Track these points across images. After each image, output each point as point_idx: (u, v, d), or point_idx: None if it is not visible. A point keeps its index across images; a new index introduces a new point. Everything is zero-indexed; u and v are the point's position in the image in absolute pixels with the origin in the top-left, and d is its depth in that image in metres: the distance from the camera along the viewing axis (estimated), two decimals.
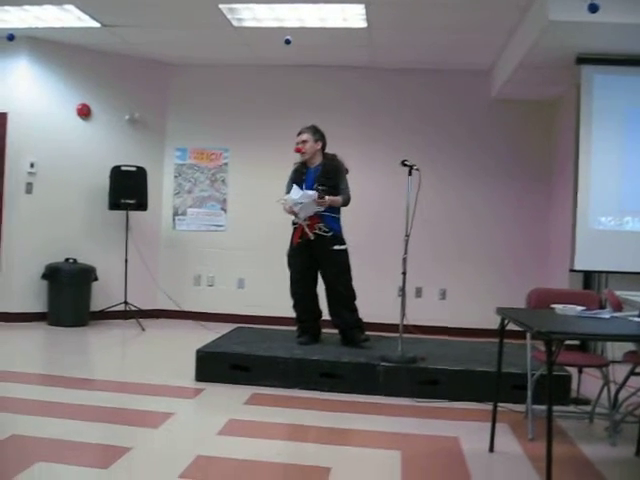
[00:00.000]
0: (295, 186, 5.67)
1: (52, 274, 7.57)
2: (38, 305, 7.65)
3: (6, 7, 6.58)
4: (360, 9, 6.24)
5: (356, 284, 5.90)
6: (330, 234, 5.73)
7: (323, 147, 5.88)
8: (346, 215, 5.95)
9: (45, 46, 7.66)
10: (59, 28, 7.12)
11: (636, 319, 3.57)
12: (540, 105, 7.99)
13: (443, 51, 7.43)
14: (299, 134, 5.84)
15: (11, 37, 6.70)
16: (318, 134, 5.85)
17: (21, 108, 7.63)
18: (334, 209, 5.75)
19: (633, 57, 6.13)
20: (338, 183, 5.75)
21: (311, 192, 5.58)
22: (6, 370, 5.48)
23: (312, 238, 5.67)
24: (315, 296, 5.95)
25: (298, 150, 5.81)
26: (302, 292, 5.89)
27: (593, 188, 6.32)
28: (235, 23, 6.78)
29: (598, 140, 6.33)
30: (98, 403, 4.63)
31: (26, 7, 6.57)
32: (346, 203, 5.80)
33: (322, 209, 5.64)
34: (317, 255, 5.78)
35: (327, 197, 5.60)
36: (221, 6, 6.33)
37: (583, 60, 6.23)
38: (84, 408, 4.49)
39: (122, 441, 3.88)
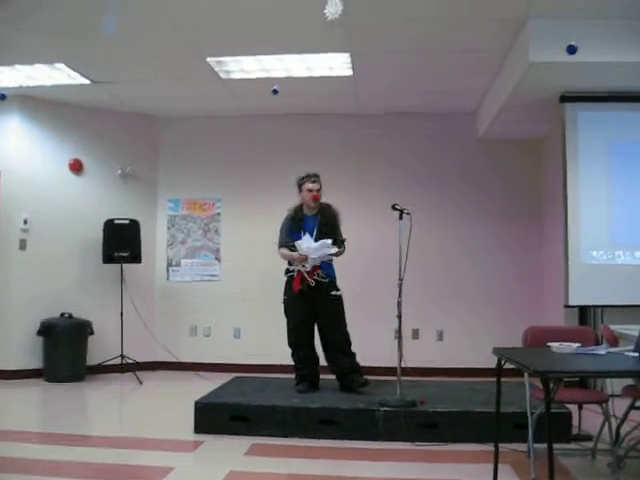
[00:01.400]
0: (308, 235, 5.70)
1: (47, 330, 7.53)
2: (34, 361, 7.60)
3: None
4: (345, 58, 6.37)
5: (353, 328, 5.90)
6: (327, 280, 5.78)
7: None
8: (342, 260, 5.98)
9: (36, 104, 7.76)
10: (50, 86, 7.22)
11: (632, 354, 3.58)
12: (527, 143, 8.10)
13: (429, 96, 7.56)
14: (314, 182, 5.85)
15: (2, 97, 6.82)
16: (319, 178, 5.91)
17: (13, 165, 7.70)
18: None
19: (615, 93, 6.26)
20: (336, 232, 5.81)
21: (329, 241, 5.63)
22: (3, 429, 5.43)
23: (313, 285, 5.70)
24: (313, 343, 5.94)
25: (317, 197, 5.85)
26: (302, 340, 5.87)
27: (583, 223, 6.38)
28: (223, 75, 6.89)
29: (585, 175, 6.41)
30: (97, 460, 4.58)
31: (17, 67, 6.68)
32: (342, 253, 5.86)
33: (332, 258, 5.71)
34: (316, 302, 5.79)
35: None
36: (209, 60, 6.45)
37: (566, 98, 6.35)
38: (83, 466, 4.44)
39: None
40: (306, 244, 5.66)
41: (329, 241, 5.64)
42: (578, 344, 3.88)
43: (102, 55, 6.36)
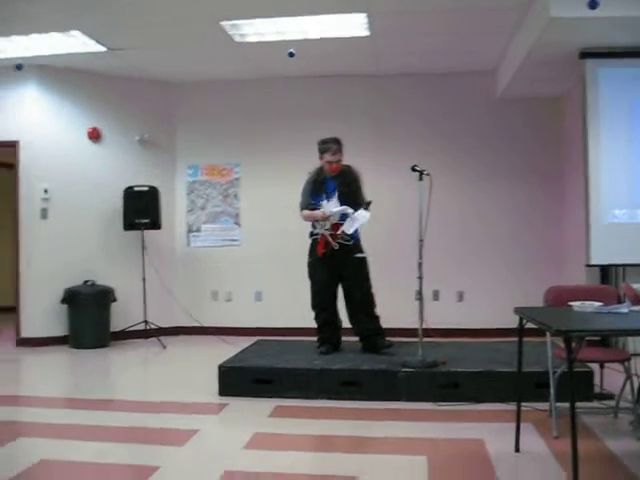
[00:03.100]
0: (326, 204, 5.74)
1: (71, 297, 7.64)
2: (59, 329, 7.73)
3: (12, 37, 6.68)
4: (362, 18, 6.28)
5: (374, 290, 5.93)
6: (352, 243, 5.77)
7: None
8: None
9: (53, 73, 7.76)
10: (65, 54, 7.21)
11: None
12: (547, 102, 7.98)
13: (447, 55, 7.45)
14: (335, 153, 5.77)
15: (20, 67, 6.83)
16: (341, 145, 5.84)
17: (32, 135, 7.74)
18: None
19: (636, 49, 6.13)
20: (358, 194, 5.80)
21: (350, 210, 5.62)
22: (31, 395, 5.57)
23: (337, 247, 5.69)
24: (336, 306, 5.96)
25: (335, 170, 5.80)
26: (326, 303, 5.90)
27: (604, 182, 6.31)
28: (237, 39, 6.83)
29: (606, 133, 6.32)
30: (123, 423, 4.68)
31: (33, 35, 6.66)
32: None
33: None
34: (340, 264, 5.79)
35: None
36: (222, 23, 6.39)
37: (586, 55, 6.23)
38: (110, 429, 4.54)
39: (149, 460, 3.91)
40: (329, 208, 5.69)
41: (350, 210, 5.62)
42: (600, 303, 3.86)
43: (116, 21, 6.32)
